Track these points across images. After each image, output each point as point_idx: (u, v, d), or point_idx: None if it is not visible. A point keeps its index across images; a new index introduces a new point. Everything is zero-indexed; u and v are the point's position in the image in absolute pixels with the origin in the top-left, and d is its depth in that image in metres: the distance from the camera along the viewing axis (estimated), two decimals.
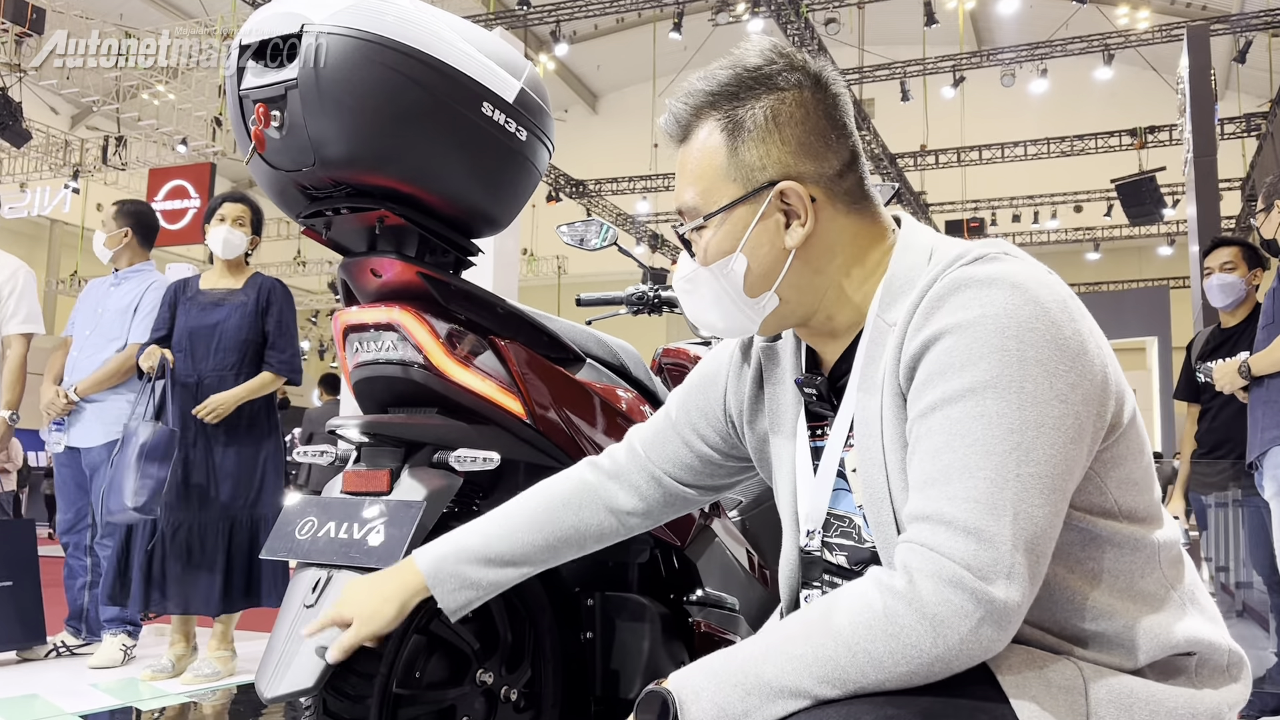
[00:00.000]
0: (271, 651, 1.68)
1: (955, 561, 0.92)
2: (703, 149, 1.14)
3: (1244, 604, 5.88)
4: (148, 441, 3.50)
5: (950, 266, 1.02)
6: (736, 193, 1.12)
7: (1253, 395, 3.25)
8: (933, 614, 0.91)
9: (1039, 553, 0.94)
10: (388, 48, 1.69)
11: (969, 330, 0.97)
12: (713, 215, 1.13)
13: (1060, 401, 0.95)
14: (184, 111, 15.64)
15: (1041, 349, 0.96)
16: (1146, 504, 1.07)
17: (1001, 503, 0.92)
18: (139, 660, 4.05)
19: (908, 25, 16.76)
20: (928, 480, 0.97)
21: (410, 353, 1.83)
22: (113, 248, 4.27)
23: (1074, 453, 0.96)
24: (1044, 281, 1.00)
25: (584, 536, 1.40)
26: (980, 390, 0.95)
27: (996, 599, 0.90)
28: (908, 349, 1.02)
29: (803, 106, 1.11)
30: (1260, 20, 14.80)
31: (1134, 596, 1.03)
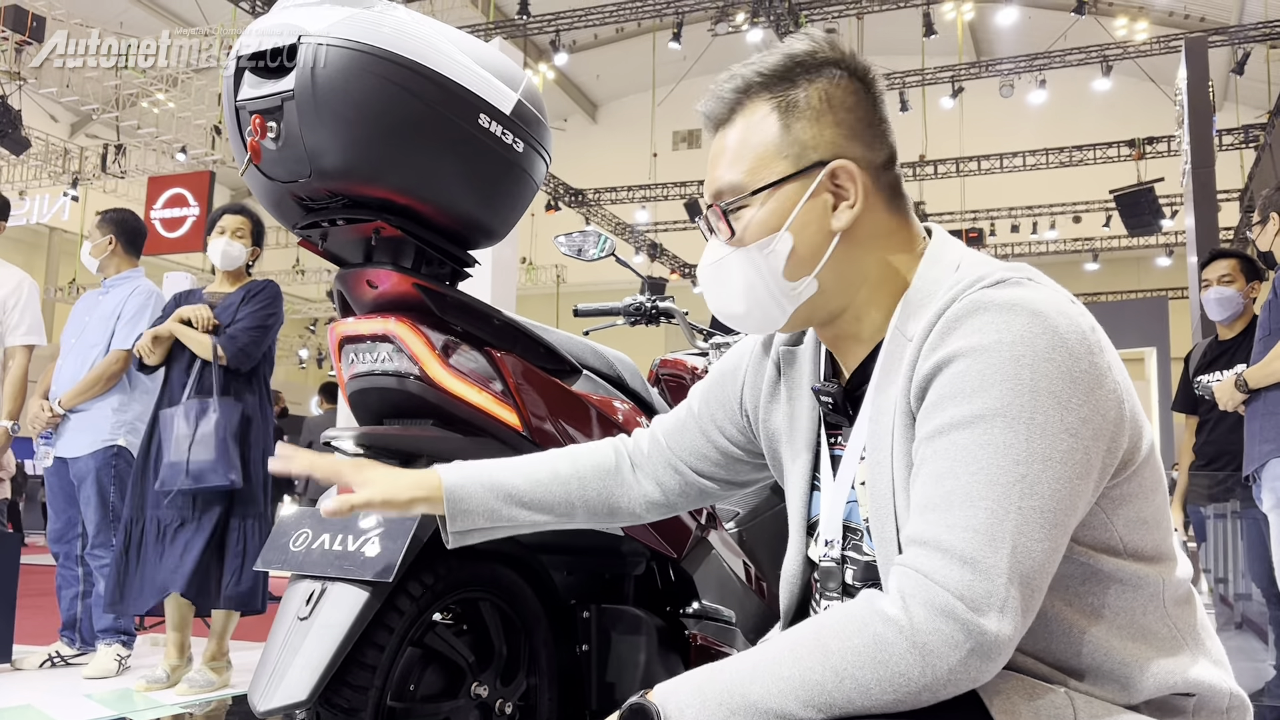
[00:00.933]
0: (265, 664, 1.67)
1: (949, 591, 0.91)
2: (752, 127, 1.12)
3: (1243, 616, 5.87)
4: (230, 418, 3.58)
5: (971, 288, 1.00)
6: (787, 169, 1.10)
7: (1250, 408, 3.25)
8: (923, 643, 0.90)
9: (1034, 587, 0.92)
10: (384, 59, 1.69)
11: (983, 355, 0.95)
12: (760, 191, 1.11)
13: (1070, 435, 0.94)
14: (183, 120, 15.66)
15: (1055, 380, 0.94)
16: (1155, 543, 1.05)
17: (1001, 534, 0.91)
18: (134, 670, 4.02)
19: (907, 36, 16.82)
20: (929, 505, 0.96)
21: (406, 364, 1.83)
22: (98, 256, 4.28)
23: (1080, 488, 0.95)
24: (1065, 311, 0.98)
25: (598, 507, 1.38)
26: (989, 418, 0.94)
27: (988, 631, 0.89)
28: (920, 369, 1.01)
29: (855, 93, 1.11)
30: (1258, 32, 14.86)
31: (1134, 634, 1.02)
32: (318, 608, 1.68)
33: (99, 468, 4.05)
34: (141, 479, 3.73)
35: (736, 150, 1.12)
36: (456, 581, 1.87)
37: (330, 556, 1.73)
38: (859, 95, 1.12)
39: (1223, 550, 5.24)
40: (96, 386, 4.09)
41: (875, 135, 1.12)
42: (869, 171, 1.10)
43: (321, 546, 1.75)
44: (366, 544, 1.72)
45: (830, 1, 15.22)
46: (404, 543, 1.69)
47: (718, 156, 1.15)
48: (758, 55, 1.14)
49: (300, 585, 1.74)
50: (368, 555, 1.70)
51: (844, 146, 1.10)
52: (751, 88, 1.12)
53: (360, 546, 1.72)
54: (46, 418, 4.10)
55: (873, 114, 1.12)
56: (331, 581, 1.71)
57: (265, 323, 3.82)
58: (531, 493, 1.34)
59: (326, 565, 1.72)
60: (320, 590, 1.70)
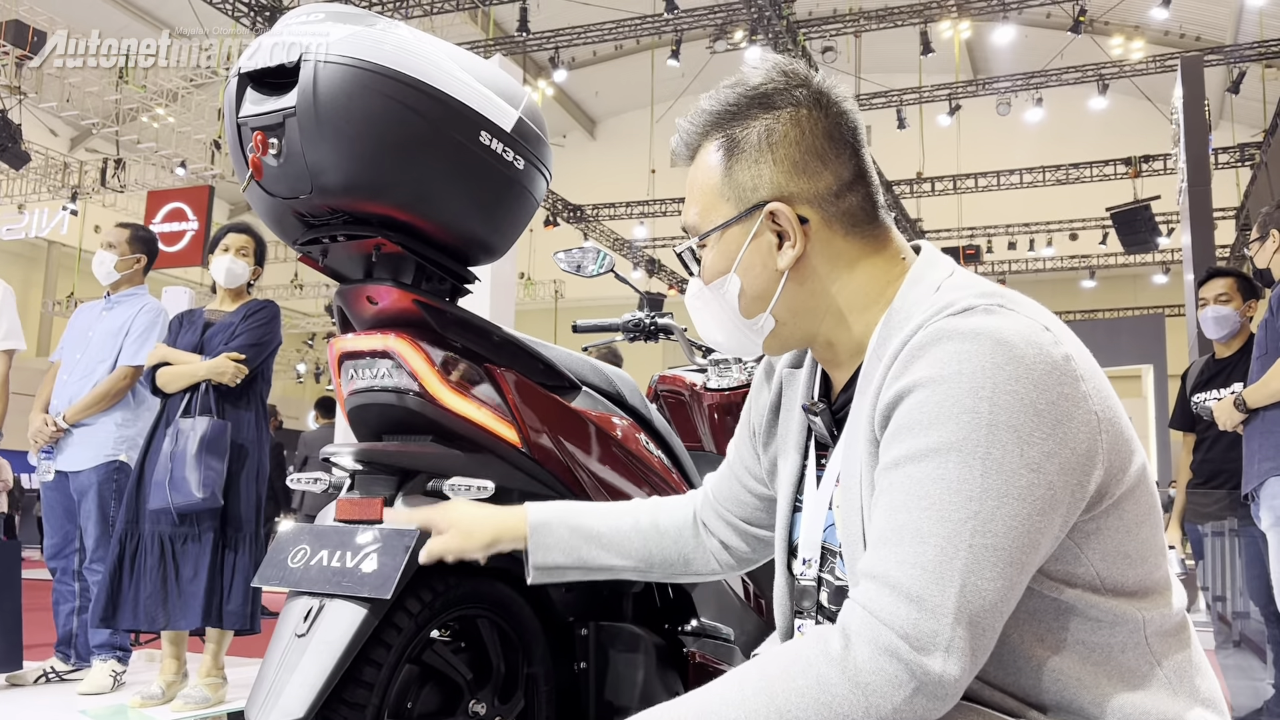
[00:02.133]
0: (262, 680, 1.66)
1: (893, 630, 0.89)
2: (702, 169, 1.14)
3: (1241, 634, 5.86)
4: (206, 434, 3.57)
5: (937, 315, 0.97)
6: (730, 213, 1.12)
7: (1248, 427, 3.25)
8: (865, 682, 0.88)
9: (984, 627, 0.90)
10: (386, 77, 1.70)
11: (942, 386, 0.93)
12: (708, 234, 1.14)
13: (1031, 470, 0.91)
14: (183, 134, 15.70)
15: (1015, 413, 0.91)
16: (1139, 577, 1.01)
17: (949, 573, 0.89)
18: (129, 686, 4.01)
19: (904, 54, 16.90)
20: (881, 538, 0.94)
21: (405, 380, 1.83)
22: (124, 271, 4.29)
23: (1041, 524, 0.92)
24: (1033, 340, 0.93)
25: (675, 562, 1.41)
26: (944, 451, 0.91)
27: (931, 672, 0.87)
28: (883, 398, 0.99)
29: (799, 125, 1.09)
30: (1253, 51, 14.95)
31: (1109, 671, 0.99)
32: (315, 624, 1.67)
33: (101, 482, 4.05)
34: (136, 494, 3.73)
35: (691, 191, 1.16)
36: (454, 598, 1.86)
37: (328, 573, 1.72)
38: (804, 126, 1.10)
39: (1221, 568, 5.24)
40: (103, 402, 4.10)
41: (824, 164, 1.09)
42: (816, 205, 1.09)
43: (320, 563, 1.75)
44: (364, 560, 1.71)
45: (828, 20, 15.30)
46: (402, 559, 1.68)
47: (686, 193, 1.18)
48: (716, 89, 1.15)
49: (298, 602, 1.73)
50: (366, 572, 1.69)
51: (784, 185, 1.09)
52: (706, 128, 1.14)
53: (358, 563, 1.71)
54: (50, 432, 4.09)
55: (821, 143, 1.10)
56: (329, 598, 1.70)
57: (261, 339, 3.83)
58: (612, 537, 1.38)
59: (324, 582, 1.71)
60: (318, 607, 1.69)
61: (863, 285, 1.11)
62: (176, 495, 3.53)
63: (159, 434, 3.74)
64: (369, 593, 1.66)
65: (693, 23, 14.84)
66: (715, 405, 2.83)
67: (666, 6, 13.74)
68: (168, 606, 3.59)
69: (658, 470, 2.20)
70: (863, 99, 16.81)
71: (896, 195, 18.27)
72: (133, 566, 3.64)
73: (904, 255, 1.13)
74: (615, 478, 2.08)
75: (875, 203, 1.12)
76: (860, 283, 1.11)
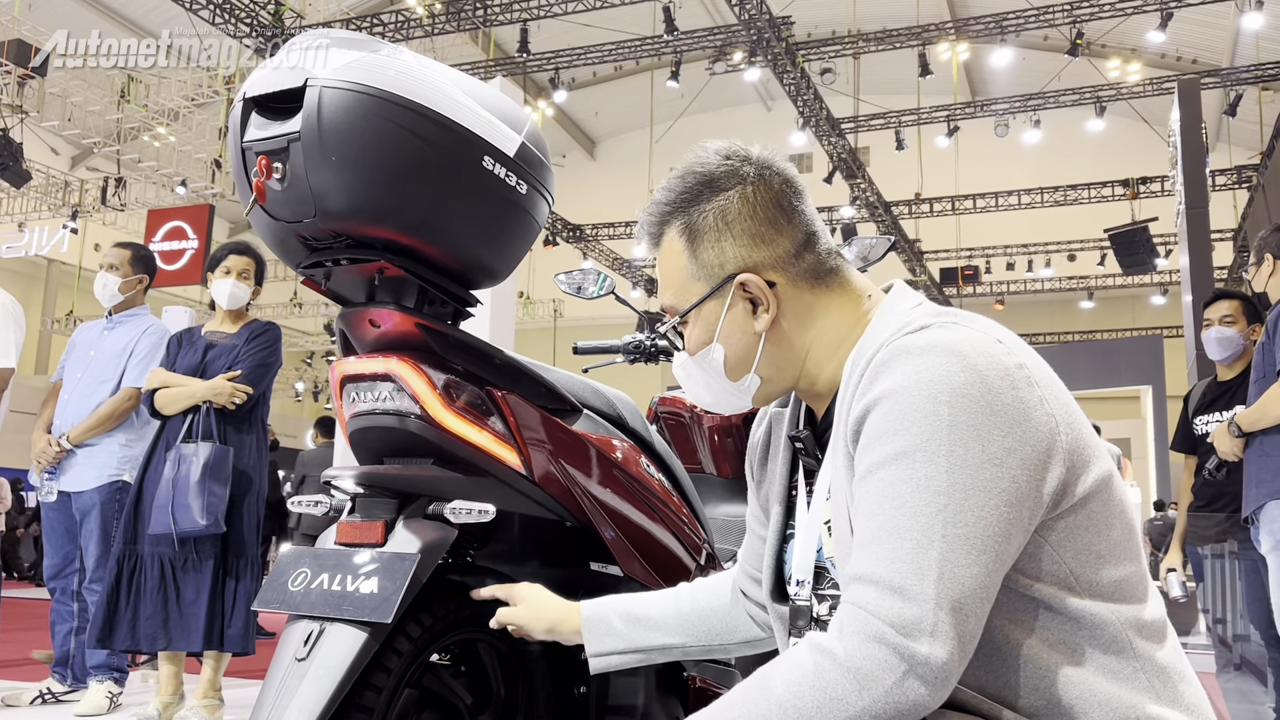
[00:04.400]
0: (262, 705, 1.66)
1: (879, 618, 0.94)
2: (670, 255, 1.24)
3: (1241, 658, 5.83)
4: (209, 460, 3.56)
5: (896, 334, 1.06)
6: (703, 290, 1.21)
7: (1248, 451, 3.26)
8: (856, 668, 0.94)
9: (967, 612, 0.95)
10: (390, 102, 1.71)
11: (902, 395, 1.00)
12: (687, 313, 1.23)
13: (993, 465, 0.97)
14: (184, 153, 15.75)
15: (974, 414, 0.98)
16: (1114, 579, 1.05)
17: (926, 562, 0.95)
18: (125, 708, 3.99)
19: (902, 75, 17.00)
20: (862, 542, 1.00)
21: (407, 403, 1.83)
22: (127, 292, 4.30)
23: (1009, 516, 0.97)
24: (983, 350, 1.01)
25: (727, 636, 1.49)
26: (910, 454, 0.98)
27: (919, 655, 0.92)
28: (852, 415, 1.06)
29: (747, 201, 1.19)
30: (1250, 74, 15.04)
31: (1090, 672, 1.02)
32: (315, 648, 1.67)
33: (104, 502, 4.05)
34: (134, 514, 3.72)
35: (664, 276, 1.26)
36: (455, 622, 1.85)
37: (328, 596, 1.72)
38: (753, 201, 1.19)
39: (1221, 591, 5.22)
40: (107, 423, 4.10)
41: (778, 231, 1.19)
42: (779, 269, 1.19)
43: (320, 586, 1.74)
44: (365, 584, 1.71)
45: (827, 41, 15.40)
46: (403, 583, 1.67)
47: (659, 277, 1.28)
48: (668, 179, 1.25)
49: (298, 625, 1.72)
50: (366, 595, 1.69)
51: (746, 256, 1.19)
52: (664, 218, 1.23)
53: (358, 586, 1.71)
54: (53, 453, 4.09)
55: (773, 212, 1.19)
56: (330, 622, 1.69)
57: (265, 361, 3.84)
58: (661, 618, 1.46)
59: (325, 605, 1.71)
60: (318, 631, 1.69)
61: (834, 328, 1.20)
62: (180, 522, 3.52)
63: (158, 455, 3.74)
64: (369, 616, 1.65)
65: (692, 44, 14.94)
66: (715, 427, 2.83)
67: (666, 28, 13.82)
68: (168, 628, 3.58)
69: (658, 493, 2.20)
70: (861, 120, 16.90)
71: (895, 216, 18.32)
72: (130, 587, 3.63)
73: (869, 293, 1.22)
74: (616, 501, 2.08)
75: (829, 253, 1.21)
76: (832, 326, 1.20)
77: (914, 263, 19.65)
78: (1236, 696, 5.09)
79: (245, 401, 3.74)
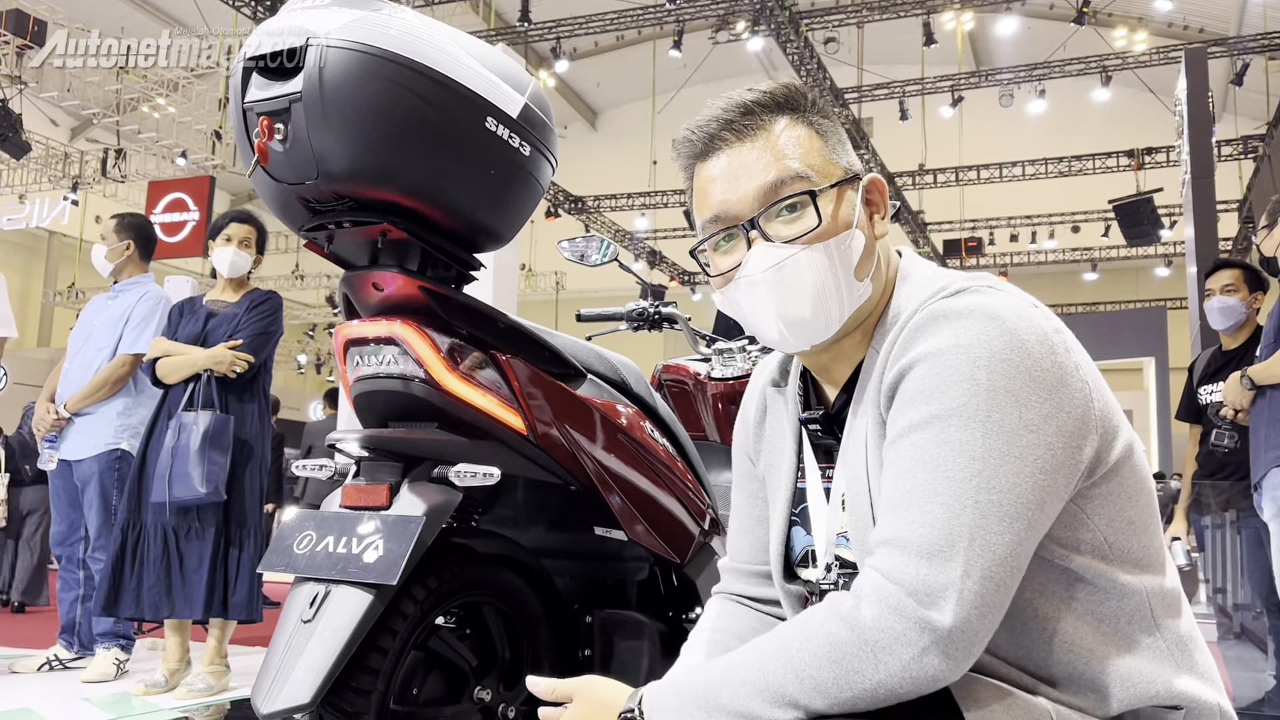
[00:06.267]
0: (268, 667, 1.66)
1: (901, 587, 0.92)
2: (792, 138, 1.11)
3: (1242, 626, 5.86)
4: (209, 428, 3.57)
5: (932, 298, 1.04)
6: (841, 174, 1.12)
7: (1255, 416, 3.25)
8: (873, 640, 0.91)
9: (997, 581, 0.92)
10: (392, 62, 1.69)
11: (941, 358, 0.98)
12: (834, 186, 1.10)
13: (1030, 431, 0.95)
14: (184, 125, 15.64)
15: (1013, 379, 0.96)
16: (1142, 547, 1.04)
17: (957, 528, 0.92)
18: (132, 675, 4.01)
19: (907, 45, 16.86)
20: (891, 506, 0.97)
21: (411, 367, 1.82)
22: (114, 260, 4.28)
23: (1045, 483, 0.95)
24: (1023, 314, 0.99)
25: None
26: (946, 417, 0.96)
27: (940, 625, 0.90)
28: (887, 377, 1.03)
29: (838, 127, 1.16)
30: (1257, 43, 14.90)
31: (1117, 642, 1.01)
32: (321, 610, 1.67)
33: (102, 471, 4.06)
34: (138, 484, 3.73)
35: (787, 152, 1.10)
36: (460, 585, 1.86)
37: (334, 559, 1.72)
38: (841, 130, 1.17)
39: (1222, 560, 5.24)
40: (103, 390, 4.10)
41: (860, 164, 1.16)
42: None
43: (325, 549, 1.74)
44: (370, 547, 1.71)
45: (831, 10, 15.26)
46: (408, 546, 1.68)
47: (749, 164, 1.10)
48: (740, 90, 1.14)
49: (304, 588, 1.73)
50: (371, 558, 1.69)
51: (859, 167, 1.15)
52: (773, 105, 1.12)
53: (364, 549, 1.71)
54: (51, 420, 4.10)
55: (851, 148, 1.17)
56: (335, 584, 1.70)
57: (266, 330, 3.83)
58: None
59: (330, 568, 1.71)
60: (324, 593, 1.69)
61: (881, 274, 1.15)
62: (179, 490, 3.53)
63: (160, 424, 3.75)
64: (375, 579, 1.66)
65: (695, 13, 14.79)
66: (719, 394, 2.83)
67: None
68: (171, 596, 3.60)
69: (663, 458, 2.20)
70: (865, 90, 16.78)
71: (899, 187, 18.24)
72: (135, 556, 3.64)
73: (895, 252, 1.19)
74: (620, 465, 2.08)
75: None
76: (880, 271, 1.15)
77: (917, 234, 19.57)
78: (1237, 664, 5.11)
79: (246, 370, 3.74)
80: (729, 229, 1.12)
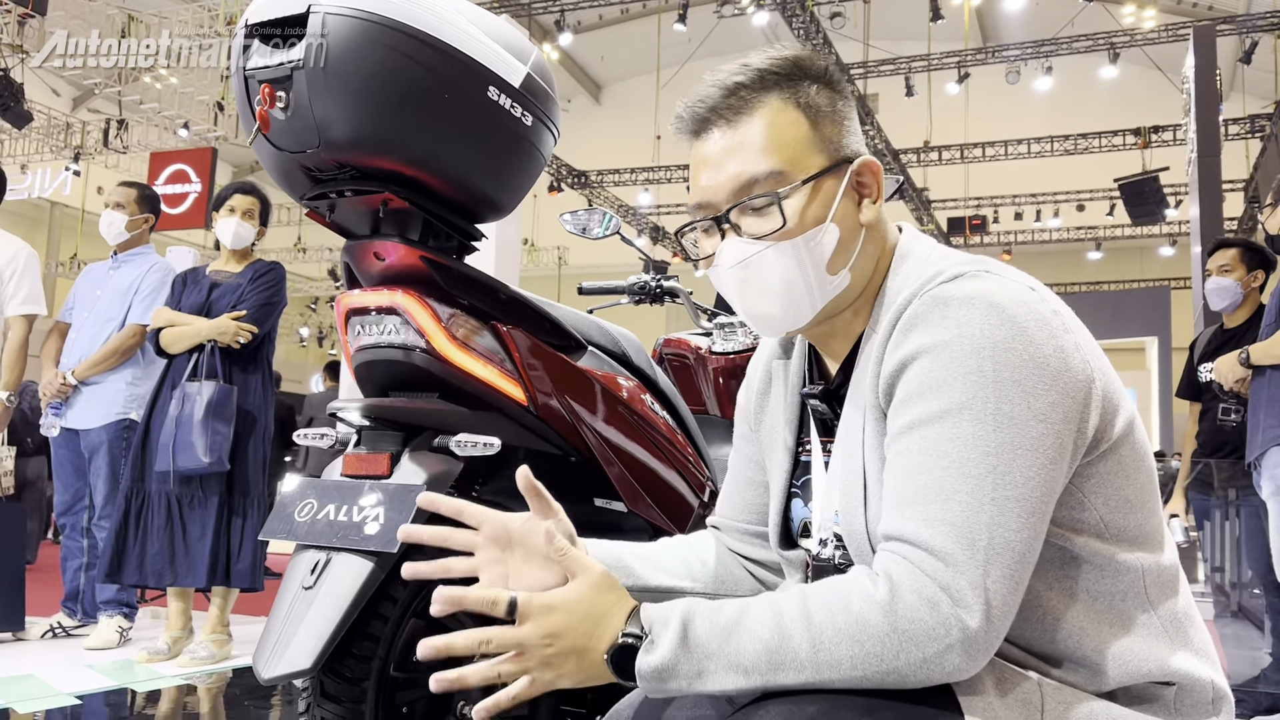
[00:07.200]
0: (269, 633, 1.68)
1: (935, 582, 0.91)
2: (779, 122, 1.09)
3: (1239, 604, 5.89)
4: (213, 399, 3.59)
5: (929, 284, 1.02)
6: (824, 163, 1.09)
7: (1254, 395, 3.25)
8: (904, 629, 0.90)
9: (1016, 579, 0.92)
10: (394, 30, 1.69)
11: (944, 350, 0.97)
12: (809, 180, 1.08)
13: (1039, 421, 0.94)
14: (186, 95, 15.59)
15: (1018, 369, 0.95)
16: (1139, 524, 1.04)
17: (977, 527, 0.92)
18: (135, 642, 4.05)
19: (913, 20, 16.73)
20: (904, 500, 0.96)
21: (412, 337, 1.83)
22: (134, 231, 4.30)
23: (1054, 473, 0.95)
24: (1022, 300, 0.98)
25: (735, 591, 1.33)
26: (956, 412, 0.95)
27: (969, 626, 0.89)
28: (885, 367, 1.02)
29: (844, 96, 1.13)
30: (1267, 21, 14.78)
31: (1111, 620, 1.01)
32: (322, 577, 1.68)
33: (111, 440, 4.09)
34: (142, 453, 3.76)
35: (764, 143, 1.08)
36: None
37: (335, 527, 1.73)
38: (848, 99, 1.14)
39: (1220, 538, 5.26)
40: (112, 359, 4.12)
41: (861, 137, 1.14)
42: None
43: (326, 517, 1.75)
44: (371, 515, 1.72)
45: None
46: (409, 515, 1.69)
47: (731, 151, 1.09)
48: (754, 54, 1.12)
49: (305, 555, 1.74)
50: (372, 526, 1.70)
51: (857, 145, 1.12)
52: (765, 83, 1.10)
53: (364, 518, 1.72)
54: (58, 385, 4.12)
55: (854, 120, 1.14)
56: (336, 551, 1.71)
57: (270, 300, 3.84)
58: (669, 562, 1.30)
59: (331, 535, 1.72)
60: (325, 560, 1.70)
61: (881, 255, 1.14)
62: (183, 459, 3.55)
63: (164, 394, 3.77)
64: (376, 546, 1.67)
65: None
66: (720, 369, 2.83)
67: None
68: (174, 564, 3.63)
69: (663, 431, 2.20)
70: (871, 66, 16.68)
71: (903, 164, 18.16)
72: (139, 524, 3.67)
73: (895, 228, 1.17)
74: (620, 437, 2.08)
75: None
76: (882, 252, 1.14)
77: (921, 211, 19.51)
78: (1234, 642, 5.15)
79: (250, 341, 3.75)
80: (708, 218, 1.12)
